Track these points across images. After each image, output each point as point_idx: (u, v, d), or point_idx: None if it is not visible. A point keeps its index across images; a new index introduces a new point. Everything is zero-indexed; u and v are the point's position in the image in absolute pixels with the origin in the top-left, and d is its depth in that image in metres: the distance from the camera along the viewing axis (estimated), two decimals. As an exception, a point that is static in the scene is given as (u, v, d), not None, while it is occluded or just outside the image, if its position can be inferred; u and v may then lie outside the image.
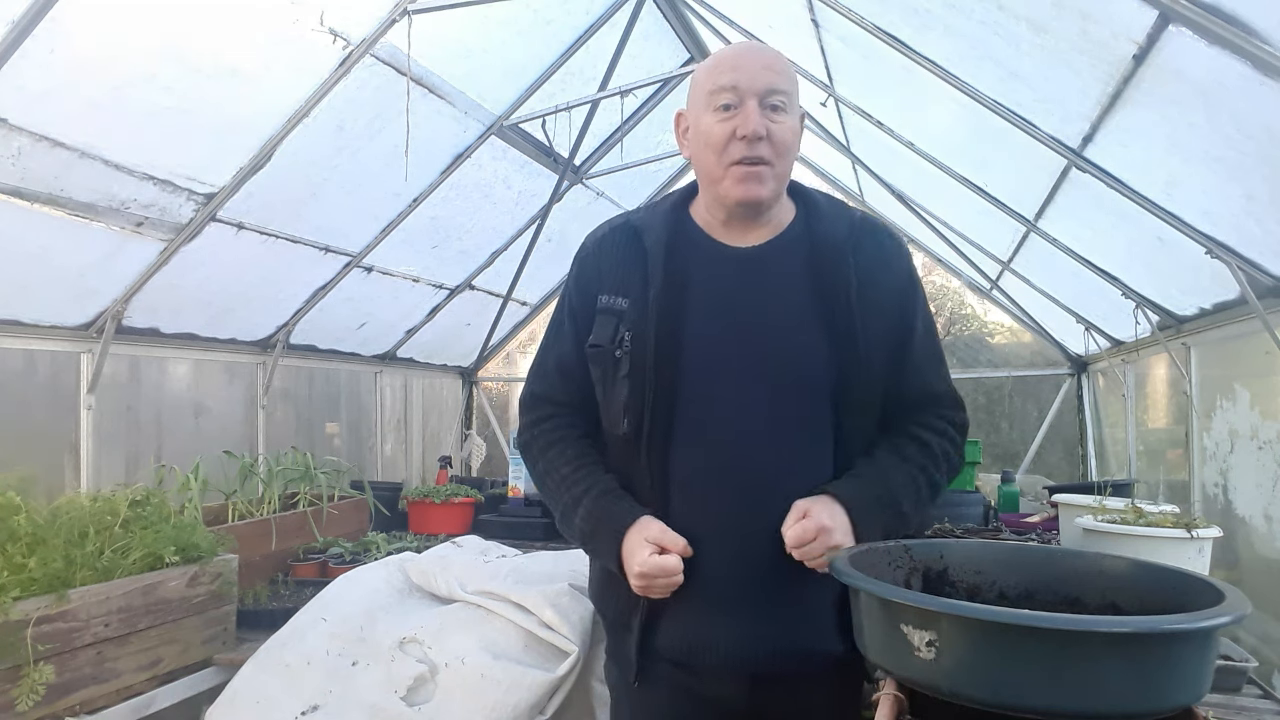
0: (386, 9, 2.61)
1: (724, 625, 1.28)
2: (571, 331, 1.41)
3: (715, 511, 1.28)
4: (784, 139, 1.28)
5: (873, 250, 1.33)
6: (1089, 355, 4.26)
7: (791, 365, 1.28)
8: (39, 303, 2.60)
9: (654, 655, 1.34)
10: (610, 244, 1.40)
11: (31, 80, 2.04)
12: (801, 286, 1.30)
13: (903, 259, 1.38)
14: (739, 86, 1.27)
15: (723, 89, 1.28)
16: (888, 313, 1.32)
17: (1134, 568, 1.12)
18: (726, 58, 1.32)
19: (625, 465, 1.34)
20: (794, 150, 1.32)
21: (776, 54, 1.34)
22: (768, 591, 1.28)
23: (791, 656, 1.28)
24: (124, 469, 2.95)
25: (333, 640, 1.87)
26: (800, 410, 1.28)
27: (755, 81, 1.27)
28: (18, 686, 1.59)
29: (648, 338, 1.29)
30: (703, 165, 1.33)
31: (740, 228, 1.35)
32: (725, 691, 1.31)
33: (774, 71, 1.29)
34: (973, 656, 0.87)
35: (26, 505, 1.79)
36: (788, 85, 1.30)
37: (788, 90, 1.29)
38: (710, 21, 3.75)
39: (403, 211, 3.57)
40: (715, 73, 1.30)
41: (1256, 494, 2.38)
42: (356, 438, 4.34)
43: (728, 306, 1.31)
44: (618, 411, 1.32)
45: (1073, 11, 1.82)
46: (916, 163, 3.28)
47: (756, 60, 1.30)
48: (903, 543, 1.21)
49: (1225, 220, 2.08)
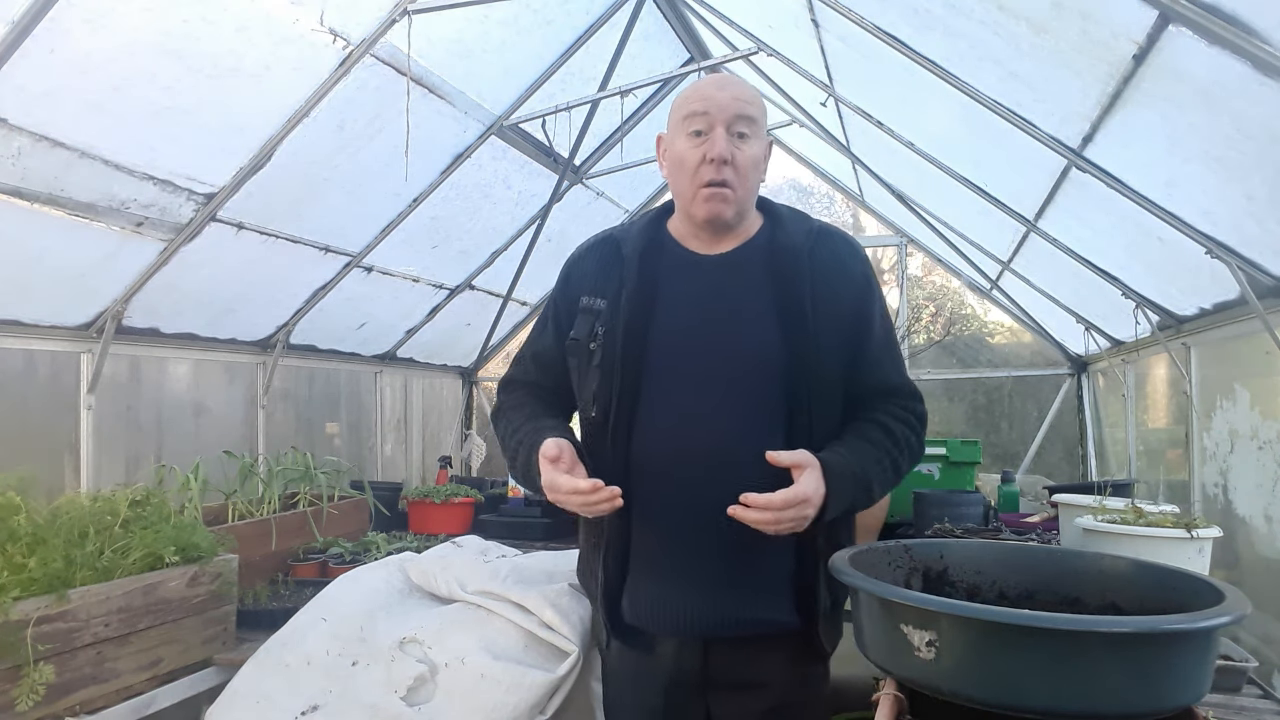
0: (386, 9, 2.61)
1: (680, 594, 1.41)
2: (553, 330, 1.57)
3: (673, 489, 1.39)
4: (746, 164, 1.41)
5: (828, 254, 1.45)
6: (1089, 355, 4.26)
7: (748, 355, 1.39)
8: (39, 303, 2.60)
9: (620, 622, 1.49)
10: (595, 253, 1.55)
11: (31, 80, 2.04)
12: (761, 286, 1.42)
13: (857, 262, 1.48)
14: (710, 114, 1.40)
15: (695, 115, 1.41)
16: (843, 309, 1.42)
17: (1134, 568, 1.12)
18: (701, 87, 1.45)
19: (596, 450, 1.45)
20: (757, 173, 1.45)
21: (746, 86, 1.47)
22: (723, 562, 1.39)
23: (742, 624, 1.39)
24: (124, 469, 2.95)
25: (333, 640, 1.87)
26: (753, 396, 1.38)
27: (725, 110, 1.40)
28: (18, 686, 1.59)
29: (617, 332, 1.43)
30: (676, 185, 1.48)
31: (710, 239, 1.48)
32: (682, 657, 1.44)
33: (743, 101, 1.41)
34: (973, 656, 0.87)
35: (26, 505, 1.78)
36: (755, 114, 1.43)
37: (755, 118, 1.42)
38: (710, 21, 3.76)
39: (403, 211, 3.57)
40: (690, 101, 1.44)
41: (1256, 494, 2.38)
42: (356, 438, 4.34)
43: (693, 305, 1.44)
44: (589, 398, 1.46)
45: (1073, 11, 1.82)
46: (916, 163, 3.28)
47: (727, 91, 1.42)
48: (903, 543, 1.21)
49: (1225, 220, 2.08)
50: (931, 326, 5.05)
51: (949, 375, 4.86)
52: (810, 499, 1.26)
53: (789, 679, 1.43)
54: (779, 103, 4.08)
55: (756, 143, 1.43)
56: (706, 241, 1.48)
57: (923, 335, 5.02)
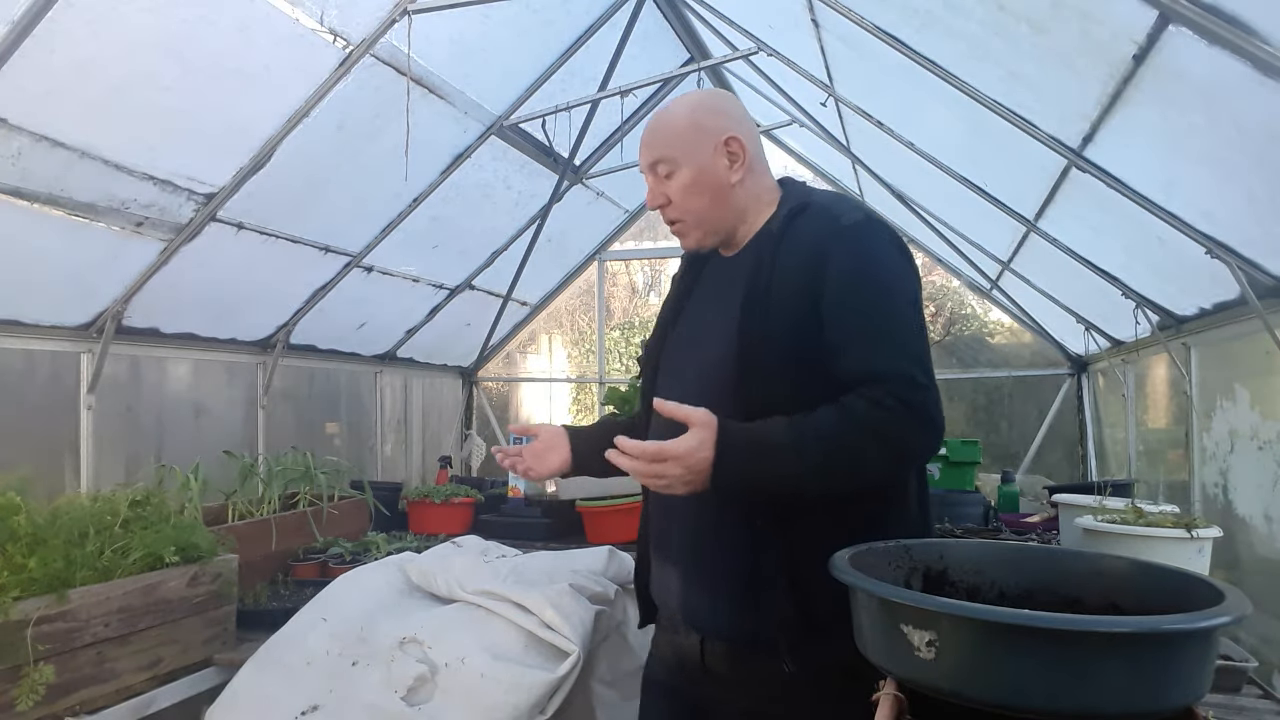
0: (386, 9, 2.61)
1: (666, 580, 1.45)
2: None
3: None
4: (679, 196, 1.43)
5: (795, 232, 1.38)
6: (1089, 355, 4.26)
7: (712, 352, 1.39)
8: (39, 303, 2.60)
9: (647, 599, 1.55)
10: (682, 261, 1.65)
11: (31, 80, 2.04)
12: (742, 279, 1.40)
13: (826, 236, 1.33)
14: (640, 164, 1.48)
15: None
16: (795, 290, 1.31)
17: (1134, 568, 1.12)
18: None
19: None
20: (702, 195, 1.43)
21: (654, 125, 1.46)
22: (686, 555, 1.41)
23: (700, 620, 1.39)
24: (124, 469, 2.95)
25: (333, 640, 1.87)
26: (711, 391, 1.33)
27: (642, 160, 1.46)
28: (18, 686, 1.59)
29: (650, 339, 1.55)
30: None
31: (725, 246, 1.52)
32: (682, 641, 1.45)
33: (648, 146, 1.45)
34: (973, 656, 0.87)
35: (26, 505, 1.78)
36: (665, 151, 1.43)
37: (666, 155, 1.43)
38: (710, 21, 3.76)
39: (403, 211, 3.57)
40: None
41: (1256, 494, 2.38)
42: (356, 438, 4.34)
43: (702, 308, 1.50)
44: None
45: (1073, 11, 1.82)
46: (916, 163, 3.28)
47: (643, 139, 1.46)
48: (903, 542, 1.21)
49: (1225, 220, 2.08)
50: (931, 326, 5.05)
51: (949, 375, 4.86)
52: (679, 456, 1.19)
53: (760, 689, 1.33)
54: (779, 103, 4.08)
55: (683, 171, 1.42)
56: (725, 247, 1.52)
57: (923, 335, 5.02)
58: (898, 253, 1.37)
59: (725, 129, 1.42)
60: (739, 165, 1.43)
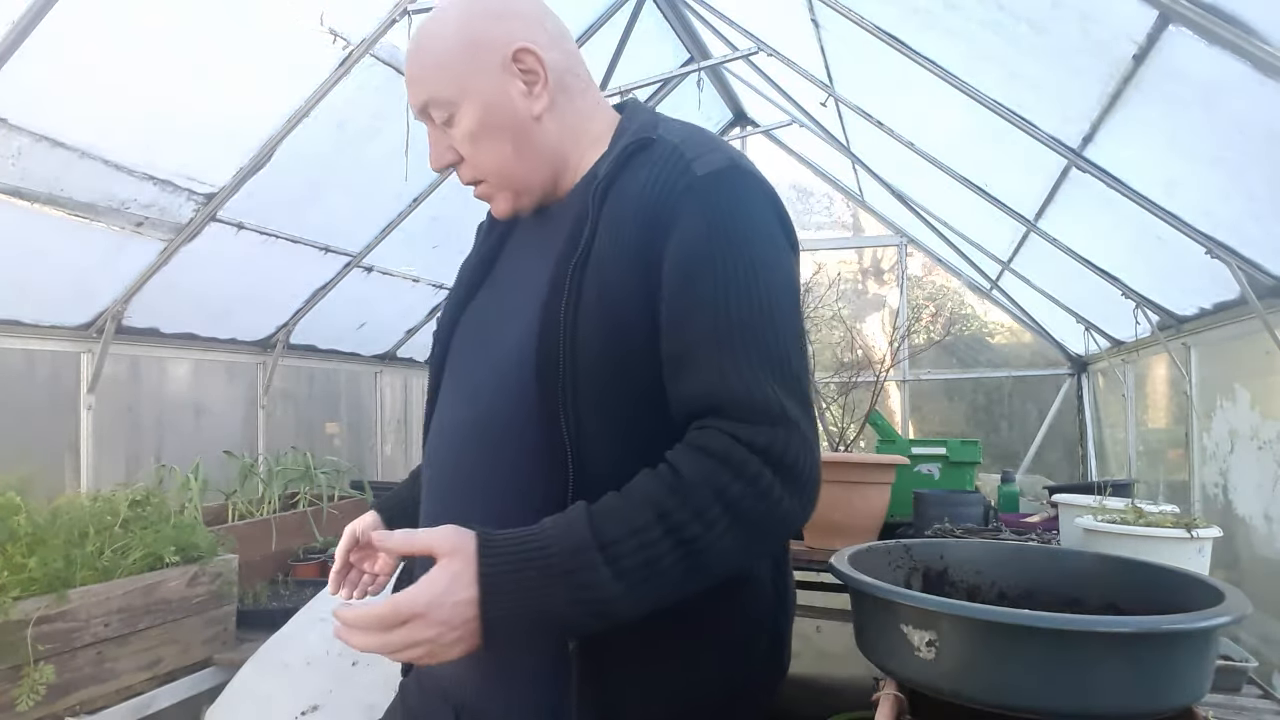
0: (386, 9, 2.61)
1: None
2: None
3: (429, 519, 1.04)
4: (468, 147, 1.00)
5: (625, 184, 0.95)
6: (1089, 355, 4.26)
7: (509, 346, 0.98)
8: (39, 303, 2.60)
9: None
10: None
11: (31, 80, 2.04)
12: (555, 247, 0.97)
13: (692, 196, 0.91)
14: (412, 109, 1.02)
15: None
16: (637, 264, 0.91)
17: (1133, 568, 1.12)
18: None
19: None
20: (499, 139, 0.99)
21: (418, 47, 1.01)
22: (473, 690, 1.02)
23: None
24: (124, 469, 2.95)
25: (333, 640, 1.87)
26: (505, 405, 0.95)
27: (414, 102, 1.01)
28: (18, 686, 1.59)
29: (442, 316, 1.14)
30: None
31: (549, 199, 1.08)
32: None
33: (413, 82, 1.00)
34: (973, 656, 0.87)
35: (26, 505, 1.78)
36: (436, 87, 0.98)
37: (438, 93, 0.98)
38: (710, 21, 3.76)
39: (403, 211, 3.57)
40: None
41: (1256, 494, 2.38)
42: (356, 438, 4.34)
43: (508, 275, 1.10)
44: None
45: (1073, 11, 1.82)
46: (916, 163, 3.28)
47: (408, 73, 1.02)
48: (903, 542, 1.21)
49: (1225, 220, 2.08)
50: (931, 326, 5.05)
51: (949, 375, 4.86)
52: (422, 611, 0.77)
53: None
54: (779, 103, 4.08)
55: (464, 110, 0.98)
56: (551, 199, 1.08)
57: (923, 335, 5.03)
58: (775, 218, 0.96)
59: (511, 37, 0.98)
60: (539, 87, 0.99)
